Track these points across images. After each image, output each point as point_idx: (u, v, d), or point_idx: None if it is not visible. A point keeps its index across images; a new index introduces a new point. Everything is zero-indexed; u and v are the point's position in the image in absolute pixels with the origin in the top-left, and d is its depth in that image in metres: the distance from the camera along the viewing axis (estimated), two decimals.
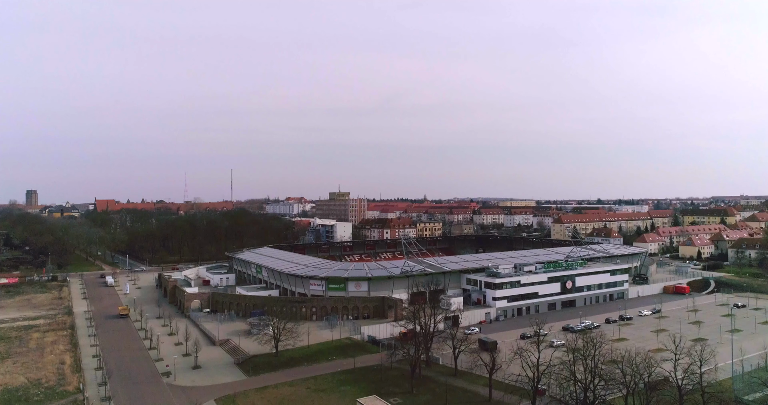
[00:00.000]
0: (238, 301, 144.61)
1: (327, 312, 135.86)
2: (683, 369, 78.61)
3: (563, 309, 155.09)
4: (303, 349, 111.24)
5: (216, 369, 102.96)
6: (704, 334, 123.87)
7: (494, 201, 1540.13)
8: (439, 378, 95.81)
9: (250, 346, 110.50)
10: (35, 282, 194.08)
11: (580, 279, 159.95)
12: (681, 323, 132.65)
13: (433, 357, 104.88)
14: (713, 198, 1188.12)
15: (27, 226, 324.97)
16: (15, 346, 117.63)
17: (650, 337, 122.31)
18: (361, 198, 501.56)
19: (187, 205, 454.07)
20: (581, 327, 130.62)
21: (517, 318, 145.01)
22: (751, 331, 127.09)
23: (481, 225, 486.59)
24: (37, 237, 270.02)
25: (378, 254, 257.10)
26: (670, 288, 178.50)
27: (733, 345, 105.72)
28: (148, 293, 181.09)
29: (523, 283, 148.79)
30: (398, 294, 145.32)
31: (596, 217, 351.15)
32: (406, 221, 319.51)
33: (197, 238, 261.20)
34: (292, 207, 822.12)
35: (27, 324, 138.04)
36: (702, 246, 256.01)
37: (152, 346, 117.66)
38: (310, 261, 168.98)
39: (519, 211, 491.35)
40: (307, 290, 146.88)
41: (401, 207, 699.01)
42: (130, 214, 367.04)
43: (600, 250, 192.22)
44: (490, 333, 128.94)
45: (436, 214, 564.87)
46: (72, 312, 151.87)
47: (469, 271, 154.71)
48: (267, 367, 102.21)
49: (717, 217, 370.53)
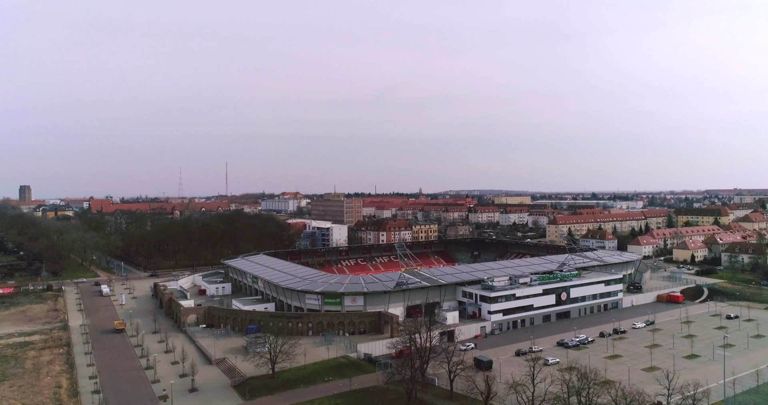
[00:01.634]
0: (234, 315, 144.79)
1: (323, 328, 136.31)
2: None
3: (558, 320, 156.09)
4: (299, 369, 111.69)
5: (213, 392, 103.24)
6: (697, 350, 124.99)
7: (490, 194, 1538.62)
8: (435, 402, 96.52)
9: (247, 368, 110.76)
10: (30, 292, 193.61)
11: (575, 290, 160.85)
12: (674, 338, 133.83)
13: (429, 378, 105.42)
14: (707, 192, 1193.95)
15: (22, 228, 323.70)
16: (11, 367, 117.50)
17: (644, 353, 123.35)
18: (356, 197, 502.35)
19: (182, 205, 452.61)
20: (576, 342, 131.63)
21: (512, 331, 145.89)
22: (744, 347, 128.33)
23: (476, 224, 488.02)
24: (31, 242, 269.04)
25: (374, 258, 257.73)
26: (663, 297, 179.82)
27: (725, 364, 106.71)
28: (144, 304, 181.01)
29: (519, 295, 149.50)
30: (394, 307, 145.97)
31: (591, 217, 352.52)
32: (402, 223, 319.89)
33: (192, 243, 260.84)
34: (288, 203, 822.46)
35: (23, 340, 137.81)
36: (696, 249, 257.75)
37: (149, 366, 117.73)
38: (306, 273, 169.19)
39: (514, 210, 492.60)
40: (303, 304, 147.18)
41: (396, 203, 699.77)
42: (125, 216, 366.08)
43: (594, 257, 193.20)
44: (485, 348, 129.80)
45: (431, 211, 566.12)
46: (68, 326, 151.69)
47: (465, 284, 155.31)
48: (264, 390, 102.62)
49: (711, 217, 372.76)
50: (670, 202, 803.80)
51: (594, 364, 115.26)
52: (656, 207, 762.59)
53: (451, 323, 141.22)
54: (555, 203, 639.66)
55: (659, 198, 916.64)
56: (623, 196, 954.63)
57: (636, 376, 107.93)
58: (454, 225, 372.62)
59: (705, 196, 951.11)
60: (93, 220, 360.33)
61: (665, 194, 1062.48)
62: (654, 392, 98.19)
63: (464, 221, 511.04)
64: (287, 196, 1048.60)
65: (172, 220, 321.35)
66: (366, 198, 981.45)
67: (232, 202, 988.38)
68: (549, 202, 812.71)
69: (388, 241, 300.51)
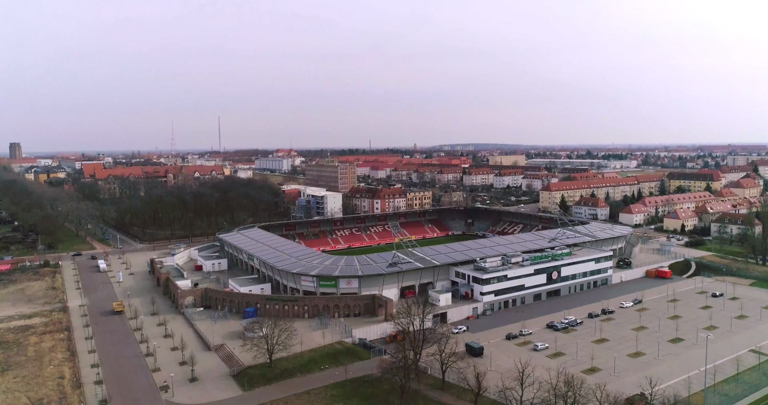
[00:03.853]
0: (231, 298, 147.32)
1: (319, 310, 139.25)
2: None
3: (548, 299, 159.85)
4: (296, 357, 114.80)
5: (213, 382, 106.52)
6: (682, 333, 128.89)
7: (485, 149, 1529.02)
8: (427, 393, 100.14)
9: (245, 357, 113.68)
10: (27, 268, 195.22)
11: (565, 269, 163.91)
12: (660, 320, 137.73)
13: (422, 366, 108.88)
14: (701, 149, 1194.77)
15: (14, 198, 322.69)
16: (14, 354, 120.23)
17: (630, 337, 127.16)
18: (350, 155, 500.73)
19: (175, 168, 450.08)
20: (565, 324, 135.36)
21: (503, 312, 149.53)
22: (727, 329, 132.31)
23: (470, 186, 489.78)
24: (26, 213, 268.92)
25: (368, 228, 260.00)
26: (652, 272, 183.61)
27: (708, 349, 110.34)
28: (141, 281, 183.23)
29: (510, 276, 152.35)
30: (389, 289, 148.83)
31: (584, 183, 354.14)
32: (396, 191, 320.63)
33: (187, 214, 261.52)
34: (281, 162, 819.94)
35: (23, 324, 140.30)
36: (686, 219, 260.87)
37: (149, 353, 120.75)
38: (302, 252, 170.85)
39: (508, 172, 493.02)
40: (299, 285, 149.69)
41: (391, 163, 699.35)
42: (118, 182, 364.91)
43: (586, 232, 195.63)
44: (477, 331, 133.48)
45: (425, 173, 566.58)
46: (67, 308, 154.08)
47: (458, 264, 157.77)
48: (262, 380, 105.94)
49: (703, 182, 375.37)
50: (663, 162, 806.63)
51: (581, 349, 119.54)
52: (650, 166, 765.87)
53: (444, 305, 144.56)
54: (549, 164, 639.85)
55: (653, 156, 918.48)
56: (617, 154, 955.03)
57: (621, 363, 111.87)
58: (448, 191, 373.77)
59: (699, 154, 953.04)
60: (86, 186, 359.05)
61: (659, 151, 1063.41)
62: (637, 382, 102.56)
63: (458, 183, 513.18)
64: (281, 154, 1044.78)
65: (166, 190, 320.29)
66: (360, 155, 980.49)
67: (226, 160, 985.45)
68: (544, 161, 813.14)
69: (382, 209, 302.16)
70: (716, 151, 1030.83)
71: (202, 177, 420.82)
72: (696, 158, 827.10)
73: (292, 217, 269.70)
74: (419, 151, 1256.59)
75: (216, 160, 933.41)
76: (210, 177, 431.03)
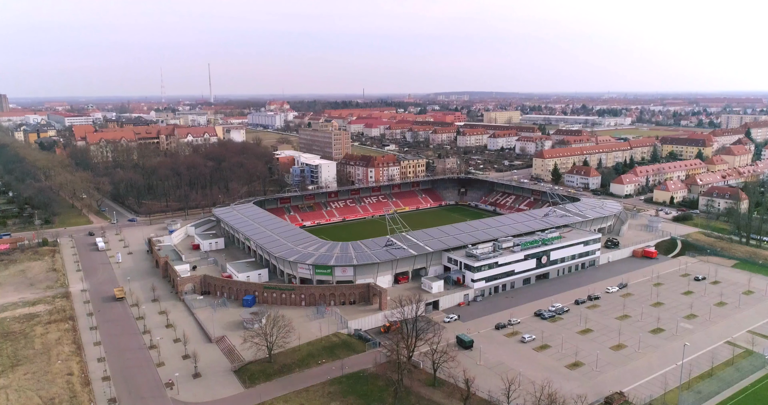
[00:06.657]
0: (229, 285, 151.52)
1: (315, 299, 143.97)
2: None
3: (537, 282, 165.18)
4: (294, 351, 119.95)
5: (215, 378, 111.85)
6: (663, 322, 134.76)
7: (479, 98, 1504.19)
8: (419, 390, 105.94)
9: (246, 352, 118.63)
10: (27, 247, 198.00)
11: (555, 253, 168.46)
12: (643, 307, 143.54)
13: (415, 361, 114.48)
14: (696, 101, 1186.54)
15: (6, 165, 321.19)
16: (22, 347, 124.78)
17: (614, 327, 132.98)
18: (345, 130, 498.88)
19: (167, 129, 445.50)
20: (552, 312, 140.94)
21: (493, 297, 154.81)
22: (706, 317, 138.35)
23: (464, 148, 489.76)
24: (20, 184, 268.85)
25: (362, 199, 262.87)
26: (639, 252, 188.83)
27: (686, 340, 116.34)
28: (140, 262, 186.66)
29: (501, 263, 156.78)
30: (383, 275, 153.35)
31: (577, 150, 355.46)
32: (390, 158, 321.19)
33: (182, 187, 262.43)
34: (274, 118, 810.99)
35: (28, 312, 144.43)
36: (675, 191, 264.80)
37: (152, 345, 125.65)
38: (298, 236, 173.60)
39: (502, 134, 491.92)
40: (296, 272, 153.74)
41: (385, 120, 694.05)
42: (110, 146, 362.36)
43: (576, 212, 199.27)
44: (467, 320, 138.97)
45: (419, 132, 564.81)
46: (69, 293, 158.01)
47: (450, 250, 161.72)
48: (262, 376, 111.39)
49: (695, 147, 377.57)
50: (658, 119, 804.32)
51: (566, 341, 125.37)
52: (644, 123, 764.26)
53: (436, 292, 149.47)
54: (543, 124, 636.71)
55: (648, 111, 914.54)
56: (612, 109, 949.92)
57: (604, 357, 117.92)
58: (442, 157, 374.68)
59: (693, 109, 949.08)
60: (78, 152, 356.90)
61: (654, 106, 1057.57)
62: (617, 378, 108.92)
63: (452, 144, 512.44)
64: (273, 107, 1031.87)
65: (159, 159, 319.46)
66: (354, 109, 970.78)
67: (218, 113, 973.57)
68: (539, 117, 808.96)
69: (376, 178, 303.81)
70: (711, 106, 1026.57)
71: (195, 141, 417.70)
72: (690, 115, 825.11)
73: (287, 190, 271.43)
74: (413, 103, 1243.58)
75: (207, 113, 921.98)
76: (203, 140, 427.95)
